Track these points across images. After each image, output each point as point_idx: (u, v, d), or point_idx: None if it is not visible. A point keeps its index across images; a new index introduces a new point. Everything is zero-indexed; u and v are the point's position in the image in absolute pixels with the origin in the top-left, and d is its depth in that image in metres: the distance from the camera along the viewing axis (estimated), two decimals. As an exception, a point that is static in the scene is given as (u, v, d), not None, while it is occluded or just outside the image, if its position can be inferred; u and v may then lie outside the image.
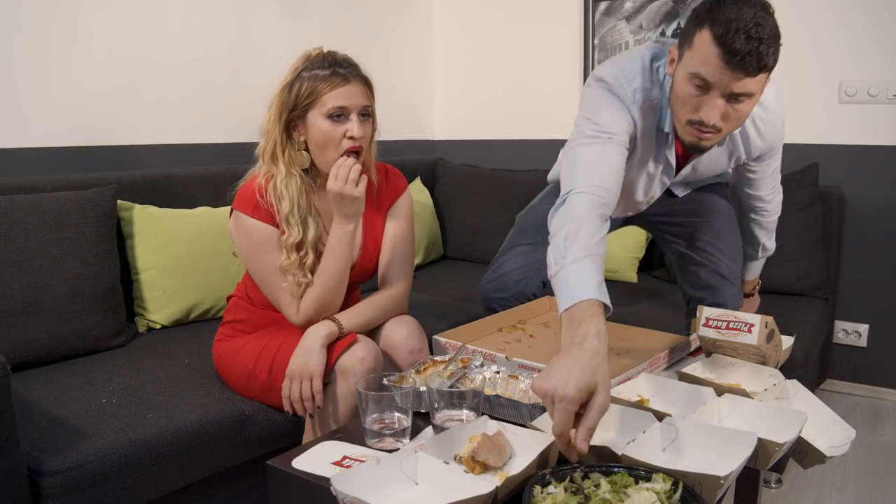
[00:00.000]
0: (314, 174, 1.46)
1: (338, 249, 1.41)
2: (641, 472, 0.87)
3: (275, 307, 1.48)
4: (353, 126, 1.38)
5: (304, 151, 1.43)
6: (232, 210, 1.45)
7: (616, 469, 0.88)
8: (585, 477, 0.88)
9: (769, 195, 1.71)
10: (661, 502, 0.81)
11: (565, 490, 0.85)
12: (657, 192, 1.63)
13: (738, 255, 1.74)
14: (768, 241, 1.83)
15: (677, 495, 0.83)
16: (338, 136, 1.38)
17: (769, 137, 1.53)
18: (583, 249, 1.13)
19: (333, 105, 1.37)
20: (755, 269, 1.91)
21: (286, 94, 1.40)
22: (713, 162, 1.56)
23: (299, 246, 1.42)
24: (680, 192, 1.72)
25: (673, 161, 1.51)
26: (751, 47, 1.17)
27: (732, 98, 1.25)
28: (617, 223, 1.80)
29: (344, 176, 1.35)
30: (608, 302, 1.07)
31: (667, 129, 1.42)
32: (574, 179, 1.28)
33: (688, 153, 1.50)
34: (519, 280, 1.69)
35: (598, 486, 0.85)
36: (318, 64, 1.39)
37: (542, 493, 0.85)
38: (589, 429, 0.90)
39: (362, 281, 1.58)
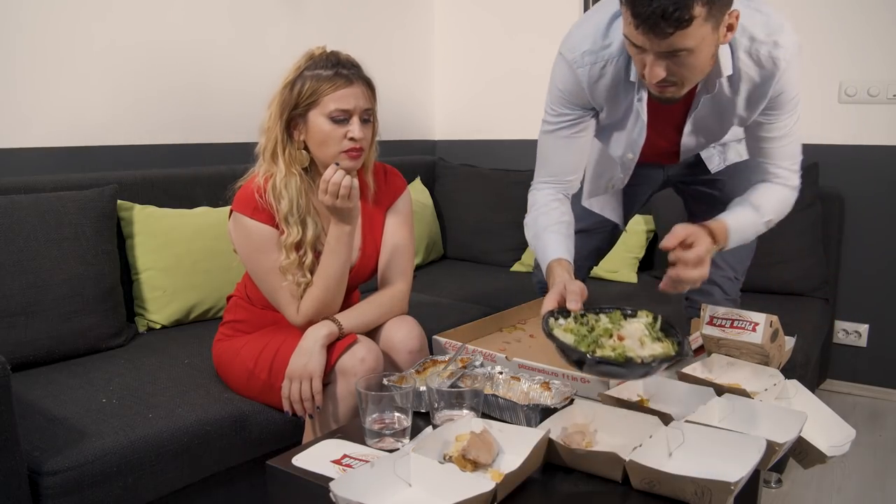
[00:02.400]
0: (314, 173, 1.46)
1: (336, 250, 1.41)
2: (629, 311, 1.17)
3: (274, 307, 1.48)
4: (354, 128, 1.38)
5: (303, 151, 1.43)
6: (231, 211, 1.45)
7: (609, 309, 1.18)
8: (583, 316, 1.17)
9: (786, 173, 1.38)
10: (649, 331, 1.11)
11: (574, 321, 1.16)
12: (628, 151, 1.47)
13: (744, 259, 1.67)
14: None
15: (658, 324, 1.13)
16: (338, 137, 1.38)
17: (779, 81, 1.27)
18: (540, 226, 1.42)
19: (336, 107, 1.36)
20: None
21: (288, 92, 1.39)
22: (713, 117, 1.37)
23: (298, 245, 1.42)
24: (713, 166, 1.60)
25: (643, 114, 1.36)
26: (655, 6, 1.03)
27: (671, 55, 1.11)
28: (655, 187, 1.72)
29: (334, 192, 1.33)
30: (563, 255, 1.35)
31: (632, 78, 1.31)
32: (537, 171, 1.50)
33: (684, 112, 1.38)
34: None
35: (598, 319, 1.16)
36: (320, 63, 1.39)
37: (556, 321, 1.16)
38: (571, 291, 1.18)
39: (362, 281, 1.57)
